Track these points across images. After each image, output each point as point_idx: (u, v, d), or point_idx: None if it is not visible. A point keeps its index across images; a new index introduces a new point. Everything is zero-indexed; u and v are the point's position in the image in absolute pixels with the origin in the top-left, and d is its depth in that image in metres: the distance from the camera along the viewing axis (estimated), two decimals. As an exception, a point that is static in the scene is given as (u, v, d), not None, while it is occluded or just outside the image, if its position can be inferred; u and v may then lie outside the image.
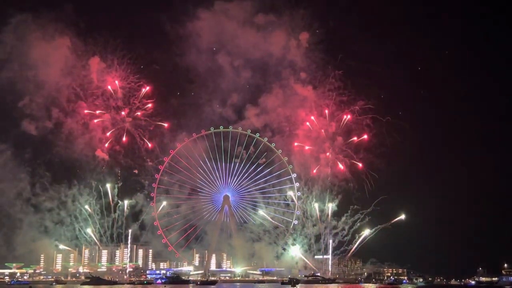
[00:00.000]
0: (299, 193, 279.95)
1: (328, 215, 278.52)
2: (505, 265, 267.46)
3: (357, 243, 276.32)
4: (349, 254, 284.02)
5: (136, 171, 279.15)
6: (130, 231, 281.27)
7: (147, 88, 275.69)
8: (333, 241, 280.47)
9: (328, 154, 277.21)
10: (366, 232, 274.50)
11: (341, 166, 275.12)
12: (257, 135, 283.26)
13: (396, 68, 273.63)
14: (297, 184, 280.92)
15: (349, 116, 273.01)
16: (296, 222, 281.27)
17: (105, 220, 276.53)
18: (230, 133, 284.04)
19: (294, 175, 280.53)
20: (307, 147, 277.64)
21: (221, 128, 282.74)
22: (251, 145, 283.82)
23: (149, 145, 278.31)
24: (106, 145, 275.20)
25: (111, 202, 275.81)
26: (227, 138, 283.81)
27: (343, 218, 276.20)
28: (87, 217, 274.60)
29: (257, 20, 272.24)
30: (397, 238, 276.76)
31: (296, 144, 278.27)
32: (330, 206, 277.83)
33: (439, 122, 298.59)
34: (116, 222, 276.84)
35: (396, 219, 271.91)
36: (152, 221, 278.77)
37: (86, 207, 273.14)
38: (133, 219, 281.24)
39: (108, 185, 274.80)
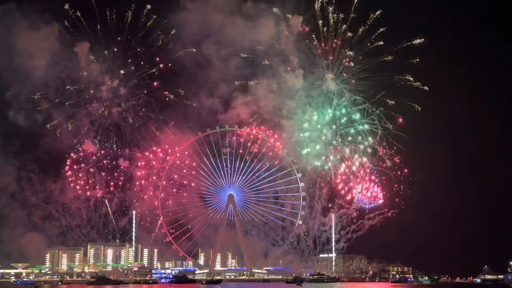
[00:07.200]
0: (303, 193, 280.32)
1: (318, 209, 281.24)
2: (511, 263, 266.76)
3: None
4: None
5: (127, 164, 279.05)
6: (134, 229, 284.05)
7: (135, 81, 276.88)
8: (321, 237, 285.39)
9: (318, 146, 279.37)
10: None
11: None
12: (263, 134, 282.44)
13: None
14: (302, 184, 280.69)
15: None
16: (300, 222, 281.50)
17: (93, 216, 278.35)
18: (236, 132, 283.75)
19: (299, 175, 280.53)
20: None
21: (227, 127, 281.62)
22: (257, 144, 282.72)
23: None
24: (95, 137, 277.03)
25: (99, 197, 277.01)
26: (232, 136, 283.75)
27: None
28: (75, 212, 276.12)
29: (246, 9, 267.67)
30: (402, 236, 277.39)
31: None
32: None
33: (443, 116, 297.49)
34: (103, 217, 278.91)
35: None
36: (142, 217, 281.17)
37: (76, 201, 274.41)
38: (122, 214, 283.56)
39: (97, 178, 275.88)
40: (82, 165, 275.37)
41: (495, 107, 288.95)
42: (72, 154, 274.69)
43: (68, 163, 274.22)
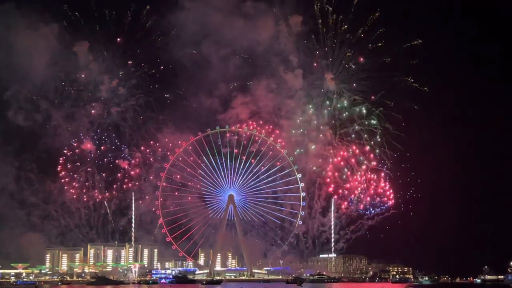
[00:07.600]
0: (303, 194, 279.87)
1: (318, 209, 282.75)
2: (511, 263, 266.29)
3: None
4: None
5: (126, 164, 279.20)
6: (133, 231, 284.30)
7: (134, 81, 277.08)
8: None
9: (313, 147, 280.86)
10: None
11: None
12: (263, 135, 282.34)
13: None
14: (301, 185, 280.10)
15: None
16: (300, 222, 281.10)
17: (92, 216, 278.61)
18: (237, 132, 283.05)
19: (299, 176, 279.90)
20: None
21: (227, 127, 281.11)
22: (257, 144, 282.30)
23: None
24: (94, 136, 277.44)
25: (98, 197, 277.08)
26: (232, 137, 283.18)
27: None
28: (74, 212, 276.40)
29: (245, 9, 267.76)
30: (402, 237, 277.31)
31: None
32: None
33: (443, 117, 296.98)
34: (103, 217, 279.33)
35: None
36: (142, 217, 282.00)
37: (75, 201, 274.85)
38: (121, 214, 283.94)
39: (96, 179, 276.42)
40: (78, 163, 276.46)
41: (496, 107, 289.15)
42: (65, 151, 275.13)
43: (61, 161, 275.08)
